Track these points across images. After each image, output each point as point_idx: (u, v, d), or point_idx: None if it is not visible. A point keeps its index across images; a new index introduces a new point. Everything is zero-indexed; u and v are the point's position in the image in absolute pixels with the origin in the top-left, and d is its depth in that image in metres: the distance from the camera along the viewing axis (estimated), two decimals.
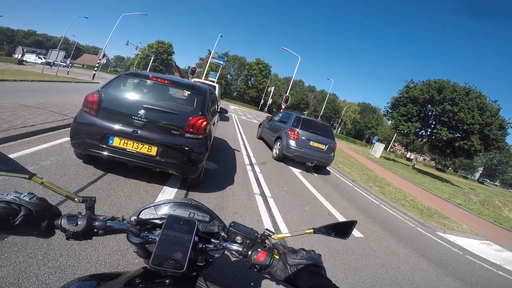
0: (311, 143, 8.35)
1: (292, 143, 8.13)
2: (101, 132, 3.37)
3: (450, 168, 75.85)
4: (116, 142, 3.39)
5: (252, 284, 2.41)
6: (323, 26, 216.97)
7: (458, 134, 24.31)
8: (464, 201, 15.33)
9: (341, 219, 5.16)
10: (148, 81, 3.90)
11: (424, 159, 72.74)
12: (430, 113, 26.09)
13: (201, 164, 3.82)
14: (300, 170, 8.20)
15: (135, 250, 0.82)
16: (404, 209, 7.52)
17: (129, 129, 3.40)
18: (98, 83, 19.98)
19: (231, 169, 5.92)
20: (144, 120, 3.44)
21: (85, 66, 64.14)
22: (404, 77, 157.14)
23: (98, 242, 2.31)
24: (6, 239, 2.03)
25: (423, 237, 5.91)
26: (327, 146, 8.54)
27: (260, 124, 12.29)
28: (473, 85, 23.84)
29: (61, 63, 25.04)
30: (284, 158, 8.44)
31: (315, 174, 8.42)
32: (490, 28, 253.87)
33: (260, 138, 11.74)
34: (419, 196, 10.77)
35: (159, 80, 3.89)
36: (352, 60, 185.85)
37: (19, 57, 53.87)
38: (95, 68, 26.89)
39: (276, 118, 10.60)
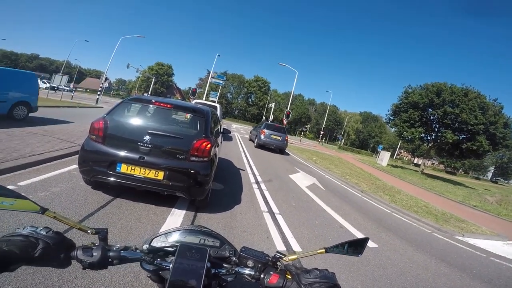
0: (272, 136, 14.86)
1: (262, 137, 14.77)
2: (109, 159, 3.43)
3: (460, 170, 74.42)
4: (124, 168, 3.44)
5: None
6: (318, 39, 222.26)
7: (463, 136, 24.04)
8: (480, 203, 14.92)
9: (353, 230, 5.03)
10: (151, 105, 4.01)
11: (433, 164, 71.60)
12: (432, 117, 25.97)
13: (208, 185, 3.84)
14: (307, 185, 8.12)
15: (149, 275, 0.83)
16: (418, 215, 7.33)
17: (135, 156, 3.45)
18: (102, 107, 20.39)
19: (237, 188, 5.89)
20: (150, 145, 3.50)
21: (88, 90, 64.80)
22: (402, 83, 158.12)
23: None
24: None
25: (441, 242, 5.71)
26: (281, 137, 15.05)
27: (250, 131, 20.32)
28: (471, 86, 23.89)
29: (65, 88, 25.43)
30: (259, 146, 14.91)
31: (323, 188, 8.32)
32: (486, 29, 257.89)
33: (250, 139, 18.06)
34: (432, 201, 10.52)
35: (161, 104, 3.98)
36: (349, 70, 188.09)
37: None
38: (98, 92, 27.12)
39: (257, 126, 18.08)
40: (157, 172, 3.48)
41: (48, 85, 28.88)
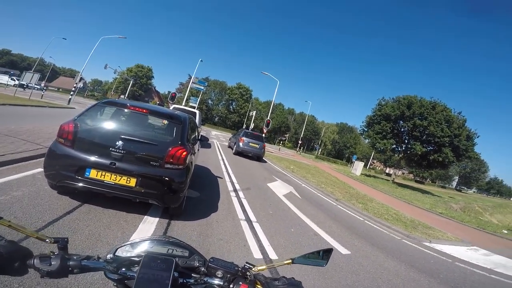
0: (250, 144, 15.33)
1: (240, 144, 15.14)
2: (77, 164, 3.26)
3: (428, 180, 78.43)
4: (93, 174, 3.28)
5: None
6: (299, 51, 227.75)
7: (430, 147, 25.49)
8: (446, 210, 15.77)
9: (327, 238, 5.14)
10: (126, 110, 3.87)
11: (403, 173, 74.87)
12: (402, 129, 27.37)
13: (183, 193, 3.76)
14: (284, 193, 8.21)
15: (115, 284, 0.81)
16: (388, 222, 7.62)
17: (106, 161, 3.30)
18: (74, 108, 19.36)
19: (214, 196, 5.83)
20: (122, 151, 3.36)
21: (60, 90, 61.35)
22: (377, 95, 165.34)
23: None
24: None
25: (410, 249, 5.97)
26: (259, 145, 15.64)
27: (230, 138, 20.40)
28: (438, 99, 25.57)
29: (35, 86, 24.02)
30: (238, 153, 15.19)
31: (299, 196, 8.45)
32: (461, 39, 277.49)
33: (229, 146, 18.23)
34: (402, 209, 10.98)
35: (137, 109, 3.84)
36: (328, 82, 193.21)
37: None
38: (71, 93, 25.71)
39: (236, 133, 18.59)
40: (129, 179, 3.35)
41: (17, 82, 27.09)
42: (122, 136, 3.42)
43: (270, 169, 13.38)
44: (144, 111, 3.89)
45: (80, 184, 3.27)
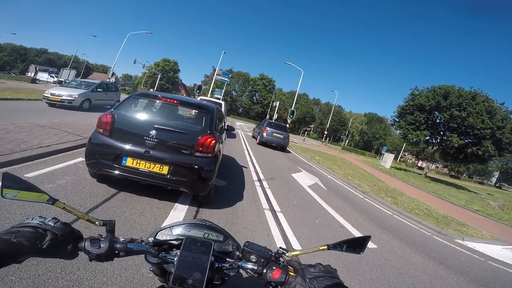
0: (274, 134, 15.42)
1: (264, 134, 15.33)
2: (115, 152, 3.49)
3: (464, 175, 73.82)
4: (129, 162, 3.50)
5: None
6: (325, 39, 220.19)
7: (469, 140, 23.83)
8: (482, 207, 14.85)
9: (353, 231, 5.08)
10: (157, 101, 4.12)
11: (437, 167, 71.09)
12: (438, 120, 25.77)
13: (211, 181, 3.90)
14: (309, 184, 8.17)
15: (152, 269, 0.84)
16: (419, 218, 7.35)
17: (141, 150, 3.51)
18: None
19: (240, 185, 5.96)
20: (156, 140, 3.56)
21: None
22: (409, 85, 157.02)
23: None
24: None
25: (441, 245, 5.74)
26: (283, 135, 15.61)
27: (253, 129, 20.59)
28: (479, 89, 23.63)
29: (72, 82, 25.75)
30: (261, 143, 15.50)
31: (325, 188, 8.36)
32: (495, 29, 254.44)
33: (253, 136, 18.72)
34: (434, 204, 10.51)
35: (168, 100, 4.04)
36: (355, 71, 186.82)
37: (32, 75, 55.42)
38: None
39: (260, 124, 18.68)
40: (162, 167, 3.54)
41: (56, 79, 29.13)
42: (155, 126, 3.61)
43: (294, 160, 13.31)
44: (175, 102, 4.07)
45: (117, 172, 3.50)
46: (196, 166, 3.64)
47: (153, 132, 3.56)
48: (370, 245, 4.52)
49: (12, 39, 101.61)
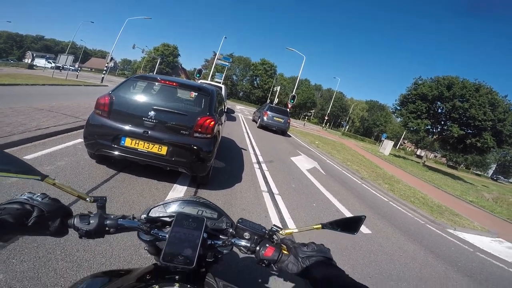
0: (275, 118, 15.44)
1: (265, 118, 15.35)
2: (113, 133, 3.50)
3: (462, 165, 74.32)
4: (128, 142, 3.52)
5: (259, 280, 2.46)
6: (328, 24, 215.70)
7: (469, 131, 23.80)
8: (476, 199, 15.06)
9: (349, 215, 5.15)
10: (156, 83, 4.12)
11: (435, 156, 71.41)
12: (440, 110, 25.62)
13: (210, 162, 3.93)
14: (308, 168, 8.22)
15: (146, 248, 0.83)
16: (414, 206, 7.46)
17: (140, 130, 3.53)
18: (107, 86, 20.42)
19: (239, 167, 5.99)
20: (154, 121, 3.57)
21: (93, 70, 65.63)
22: (412, 75, 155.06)
23: (112, 238, 2.41)
24: (23, 237, 2.13)
25: (433, 234, 5.86)
26: (284, 119, 15.71)
27: (254, 112, 20.49)
28: (483, 81, 23.31)
29: (70, 67, 25.74)
30: (262, 127, 15.49)
31: (323, 172, 8.43)
32: (499, 23, 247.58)
33: (253, 120, 18.85)
34: (430, 193, 10.64)
35: (167, 82, 4.05)
36: (359, 58, 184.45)
37: (29, 61, 55.17)
38: (104, 72, 27.56)
39: (261, 108, 18.72)
40: (160, 147, 3.56)
41: (53, 64, 28.94)
42: (154, 107, 3.62)
43: (294, 144, 13.34)
44: (174, 84, 4.08)
45: (116, 152, 3.53)
46: (195, 147, 3.67)
47: (151, 113, 3.56)
48: (365, 230, 4.61)
49: (7, 27, 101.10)
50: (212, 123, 3.81)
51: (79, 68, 32.98)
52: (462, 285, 3.76)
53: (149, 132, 3.54)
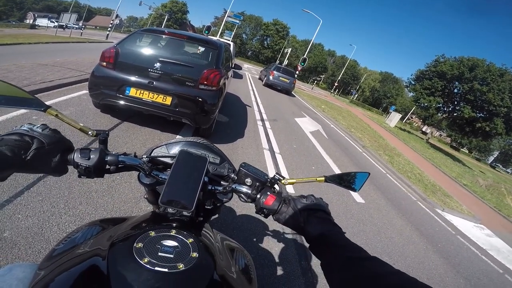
0: (280, 78, 15.62)
1: (271, 77, 15.57)
2: (118, 83, 3.52)
3: (465, 148, 74.02)
4: (133, 92, 3.54)
5: (254, 240, 2.52)
6: None
7: (481, 114, 23.25)
8: (471, 183, 15.24)
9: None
10: (163, 36, 4.06)
11: (440, 135, 70.88)
12: (456, 90, 24.77)
13: (213, 115, 3.97)
14: (311, 130, 8.16)
15: (146, 196, 0.81)
16: (410, 181, 7.54)
17: (145, 80, 3.54)
18: (112, 42, 19.40)
19: (242, 123, 5.95)
20: (160, 72, 3.57)
21: (98, 28, 62.64)
22: (433, 52, 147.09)
23: (114, 190, 2.47)
24: (28, 191, 2.12)
25: (422, 212, 6.00)
26: (289, 80, 15.89)
27: (261, 71, 20.77)
28: (511, 68, 22.12)
29: (73, 26, 24.40)
30: (267, 85, 15.75)
31: (326, 136, 8.38)
32: None
33: (260, 78, 19.14)
34: (427, 171, 10.71)
35: (175, 35, 4.02)
36: (378, 28, 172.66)
37: (31, 22, 51.77)
38: (109, 29, 26.23)
39: (268, 67, 18.88)
40: (165, 97, 3.57)
41: (56, 23, 27.09)
42: (160, 59, 3.62)
43: (300, 105, 13.12)
44: (182, 37, 4.06)
45: (121, 102, 3.56)
46: (199, 99, 3.67)
47: (157, 64, 3.57)
48: (359, 199, 4.70)
49: None
50: (218, 76, 3.79)
51: (83, 26, 31.27)
52: (436, 266, 3.92)
53: (154, 82, 3.54)
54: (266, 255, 2.42)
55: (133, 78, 3.53)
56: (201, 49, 4.27)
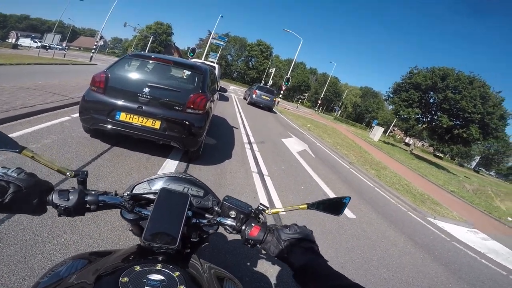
0: (262, 96, 17.35)
1: (254, 96, 17.35)
2: (108, 108, 3.61)
3: (447, 155, 76.24)
4: (123, 116, 3.64)
5: (248, 264, 2.47)
6: (326, 8, 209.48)
7: (458, 122, 24.28)
8: (458, 189, 15.56)
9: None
10: (151, 61, 4.20)
11: (423, 145, 72.90)
12: (431, 100, 25.93)
13: (201, 137, 4.12)
14: (298, 150, 8.26)
15: (130, 229, 0.81)
16: (398, 192, 7.65)
17: (134, 105, 3.65)
18: (96, 64, 19.70)
19: (230, 146, 5.97)
20: (149, 97, 3.68)
21: (81, 49, 63.30)
22: (407, 64, 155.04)
23: (100, 219, 2.38)
24: (9, 220, 2.06)
25: (414, 222, 6.06)
26: (270, 98, 17.60)
27: (245, 91, 23.31)
28: (478, 75, 23.51)
29: (57, 46, 24.43)
30: (250, 103, 17.54)
31: (313, 155, 8.49)
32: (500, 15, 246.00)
33: (244, 98, 20.94)
34: (414, 182, 10.92)
35: (162, 60, 4.19)
36: (355, 44, 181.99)
37: (13, 41, 51.72)
38: (92, 50, 26.13)
39: (251, 87, 21.00)
40: (154, 121, 3.69)
41: (39, 44, 27.13)
42: (149, 84, 3.75)
43: (286, 125, 13.34)
44: (168, 62, 4.25)
45: (111, 126, 3.65)
46: (187, 122, 3.81)
47: (146, 89, 3.68)
48: (350, 215, 4.72)
49: None
50: (204, 99, 3.96)
51: (66, 47, 31.26)
52: (437, 273, 3.93)
53: (144, 107, 3.66)
54: (261, 278, 2.36)
55: (122, 103, 3.63)
56: (187, 73, 4.42)
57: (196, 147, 4.12)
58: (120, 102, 3.63)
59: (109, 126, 3.63)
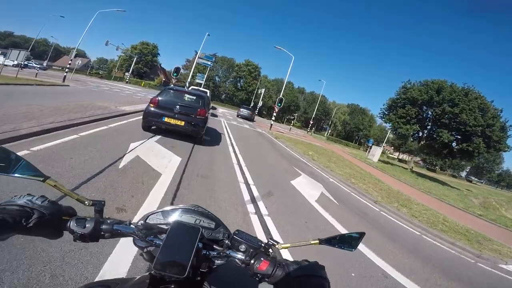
0: (244, 111, 31.13)
1: (239, 112, 31.51)
2: (159, 115, 7.17)
3: (438, 167, 76.12)
4: (166, 119, 7.17)
5: None
6: (311, 27, 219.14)
7: (458, 136, 23.42)
8: (481, 211, 14.18)
9: (403, 281, 3.54)
10: (177, 92, 8.22)
11: (415, 161, 72.87)
12: (429, 115, 25.21)
13: (203, 131, 7.86)
14: (316, 197, 6.58)
15: (141, 254, 0.79)
16: (449, 236, 6.09)
17: (171, 114, 7.21)
18: (68, 86, 17.76)
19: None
20: (178, 109, 7.25)
21: (64, 69, 60.92)
22: (393, 78, 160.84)
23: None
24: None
25: (495, 277, 4.60)
26: (248, 112, 30.95)
27: (237, 112, 33.13)
28: (472, 86, 23.09)
29: (35, 66, 22.12)
30: (238, 115, 31.19)
31: (334, 200, 6.81)
32: (482, 28, 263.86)
33: (237, 115, 31.11)
34: (441, 210, 9.48)
35: (183, 91, 8.44)
36: (341, 61, 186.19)
37: None
38: (66, 70, 23.92)
39: (240, 108, 32.81)
40: (181, 122, 7.23)
41: (15, 62, 23.57)
42: (178, 103, 7.37)
43: (287, 156, 11.74)
44: (186, 92, 8.45)
45: (160, 124, 7.30)
46: (196, 122, 7.46)
47: (177, 106, 7.26)
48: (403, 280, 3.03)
49: None
50: (205, 111, 7.82)
51: (47, 67, 29.36)
52: None
53: (176, 115, 7.19)
54: None
55: (166, 112, 7.18)
56: (195, 98, 8.14)
57: (200, 135, 7.77)
58: (164, 112, 7.16)
59: (159, 124, 7.30)
